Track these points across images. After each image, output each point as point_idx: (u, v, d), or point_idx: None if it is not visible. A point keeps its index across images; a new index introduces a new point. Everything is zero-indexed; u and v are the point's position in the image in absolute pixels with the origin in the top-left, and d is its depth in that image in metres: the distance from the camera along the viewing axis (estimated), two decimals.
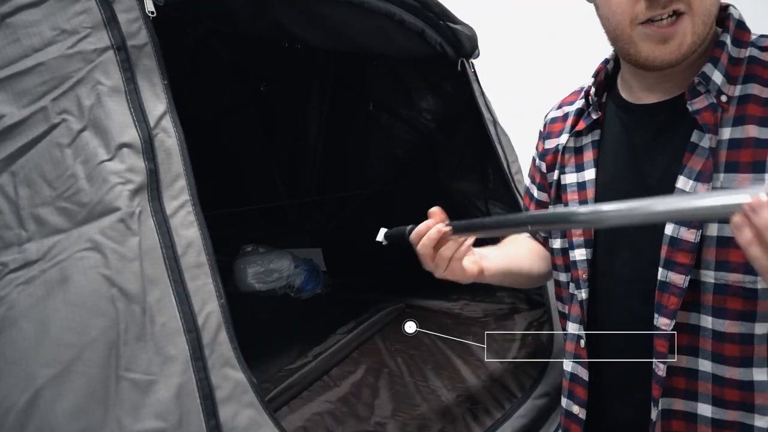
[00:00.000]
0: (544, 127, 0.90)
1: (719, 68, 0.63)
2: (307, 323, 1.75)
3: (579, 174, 0.79)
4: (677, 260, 0.64)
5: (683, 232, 0.63)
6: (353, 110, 2.40)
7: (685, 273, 0.63)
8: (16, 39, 0.71)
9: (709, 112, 0.63)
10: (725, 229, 0.60)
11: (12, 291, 0.65)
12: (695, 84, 0.63)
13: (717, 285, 0.62)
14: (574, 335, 0.78)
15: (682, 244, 0.64)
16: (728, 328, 0.62)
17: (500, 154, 1.53)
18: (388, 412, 1.19)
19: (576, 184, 0.79)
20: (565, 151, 0.81)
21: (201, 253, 0.75)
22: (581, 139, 0.80)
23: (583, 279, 0.76)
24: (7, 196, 0.68)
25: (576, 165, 0.80)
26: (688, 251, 0.63)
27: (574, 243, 0.78)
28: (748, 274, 0.60)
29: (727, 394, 0.63)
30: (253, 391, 0.73)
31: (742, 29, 0.66)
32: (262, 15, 1.14)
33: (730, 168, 0.61)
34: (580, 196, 0.78)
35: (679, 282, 0.64)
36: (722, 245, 0.61)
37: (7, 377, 0.62)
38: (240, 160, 2.73)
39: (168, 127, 0.77)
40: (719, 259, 0.62)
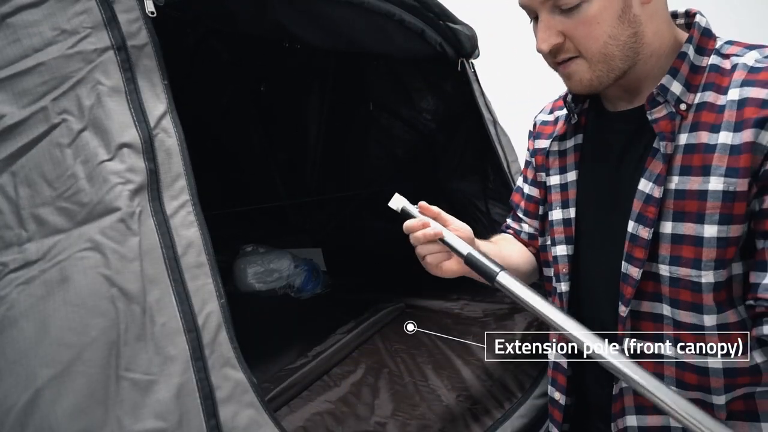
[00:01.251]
0: (534, 127, 0.97)
1: (678, 79, 0.68)
2: (307, 323, 1.75)
3: (562, 176, 0.85)
4: (635, 255, 0.71)
5: (640, 230, 0.70)
6: (353, 110, 2.40)
7: (639, 266, 0.71)
8: (17, 39, 0.71)
9: (666, 120, 0.68)
10: (678, 227, 0.68)
11: (12, 291, 0.65)
12: (654, 95, 0.69)
13: (671, 278, 0.69)
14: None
15: (638, 241, 0.71)
16: (683, 318, 0.69)
17: (500, 154, 1.53)
18: (388, 412, 1.19)
19: (559, 185, 0.85)
20: (550, 154, 0.87)
21: (201, 253, 0.75)
22: (565, 142, 0.85)
23: (563, 273, 0.83)
24: (8, 196, 0.68)
25: (560, 167, 0.85)
26: (643, 247, 0.70)
27: (555, 239, 0.85)
28: (694, 268, 0.67)
29: (687, 377, 0.70)
30: (254, 391, 0.73)
31: (708, 36, 0.70)
32: (262, 15, 1.14)
33: (684, 171, 0.67)
34: (562, 197, 0.84)
35: (634, 274, 0.71)
36: (675, 242, 0.68)
37: (7, 377, 0.62)
38: (240, 160, 2.73)
39: (168, 127, 0.77)
40: (673, 254, 0.68)
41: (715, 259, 0.65)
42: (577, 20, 0.66)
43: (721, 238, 0.64)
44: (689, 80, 0.68)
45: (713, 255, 0.65)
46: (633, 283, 0.72)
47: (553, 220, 0.85)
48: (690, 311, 0.68)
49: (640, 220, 0.70)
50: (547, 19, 0.68)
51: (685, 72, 0.68)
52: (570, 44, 0.69)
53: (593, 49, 0.67)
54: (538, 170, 0.92)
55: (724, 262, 0.65)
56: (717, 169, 0.64)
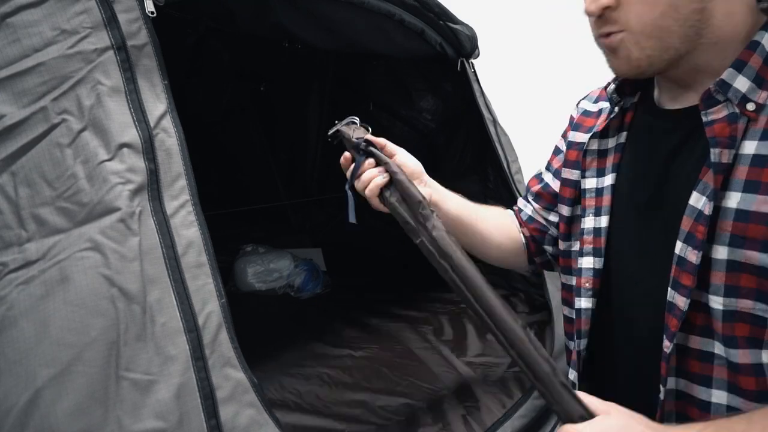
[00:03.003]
0: (576, 116, 0.84)
1: (746, 72, 0.56)
2: (307, 323, 1.75)
3: (599, 179, 0.73)
4: (681, 281, 0.60)
5: (688, 252, 0.59)
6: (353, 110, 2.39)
7: (686, 295, 0.59)
8: (17, 39, 0.71)
9: (724, 123, 0.56)
10: (737, 253, 0.55)
11: (12, 291, 0.65)
12: (711, 92, 0.57)
13: (725, 312, 0.57)
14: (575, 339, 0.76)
15: (686, 265, 0.59)
16: (741, 359, 0.56)
17: (500, 154, 1.53)
18: (387, 413, 1.19)
19: (595, 189, 0.74)
20: (587, 153, 0.75)
21: (201, 252, 0.75)
22: (606, 141, 0.74)
23: (586, 288, 0.73)
24: (7, 196, 0.68)
25: (597, 169, 0.74)
26: (690, 272, 0.58)
27: (584, 250, 0.74)
28: (759, 301, 0.54)
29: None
30: (254, 391, 0.73)
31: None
32: (263, 15, 1.14)
33: (749, 188, 0.54)
34: (596, 203, 0.73)
35: (680, 304, 0.59)
36: (732, 269, 0.56)
37: (7, 377, 0.62)
38: (240, 160, 2.73)
39: (168, 127, 0.77)
40: (728, 283, 0.56)
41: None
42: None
43: None
44: (761, 74, 0.55)
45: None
46: (679, 315, 0.59)
47: (584, 228, 0.74)
48: (749, 349, 0.56)
49: (689, 240, 0.58)
50: None
51: (757, 64, 0.56)
52: (620, 14, 0.58)
53: (646, 19, 0.56)
54: (566, 165, 0.81)
55: None
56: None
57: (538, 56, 2.25)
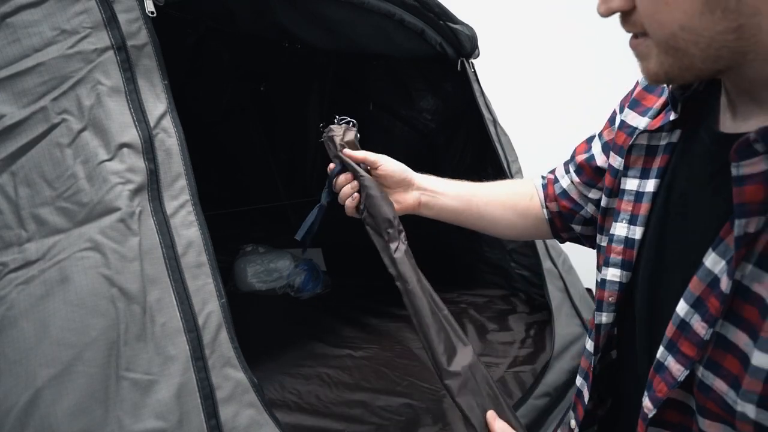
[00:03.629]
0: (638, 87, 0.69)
1: None
2: (307, 323, 1.75)
3: (642, 181, 0.62)
4: (681, 348, 0.51)
5: (695, 321, 0.50)
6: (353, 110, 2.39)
7: (685, 365, 0.51)
8: (16, 39, 0.71)
9: (760, 184, 0.43)
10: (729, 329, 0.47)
11: (12, 291, 0.65)
12: (750, 141, 0.42)
13: (701, 382, 0.50)
14: (589, 352, 0.70)
15: (690, 333, 0.50)
16: (707, 428, 0.50)
17: (500, 154, 1.53)
18: (387, 413, 1.19)
19: (635, 193, 0.63)
20: (633, 149, 0.63)
21: (201, 252, 0.75)
22: (659, 135, 0.61)
23: (609, 302, 0.65)
24: (7, 196, 0.68)
25: (642, 169, 0.63)
26: (695, 345, 0.49)
27: (610, 260, 0.64)
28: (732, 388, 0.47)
29: None
30: (254, 391, 0.73)
31: None
32: (263, 15, 1.14)
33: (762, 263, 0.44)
34: (633, 209, 0.63)
35: (675, 371, 0.51)
36: (719, 345, 0.48)
37: (7, 377, 0.62)
38: (240, 160, 2.73)
39: (168, 127, 0.77)
40: (712, 357, 0.49)
41: (759, 393, 0.44)
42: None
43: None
44: None
45: (758, 389, 0.44)
46: (671, 383, 0.51)
47: (614, 235, 0.64)
48: (718, 423, 0.49)
49: (698, 307, 0.49)
50: None
51: None
52: (637, 18, 0.48)
53: (659, 36, 0.47)
54: (613, 149, 0.69)
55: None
56: None
57: (538, 56, 2.25)
